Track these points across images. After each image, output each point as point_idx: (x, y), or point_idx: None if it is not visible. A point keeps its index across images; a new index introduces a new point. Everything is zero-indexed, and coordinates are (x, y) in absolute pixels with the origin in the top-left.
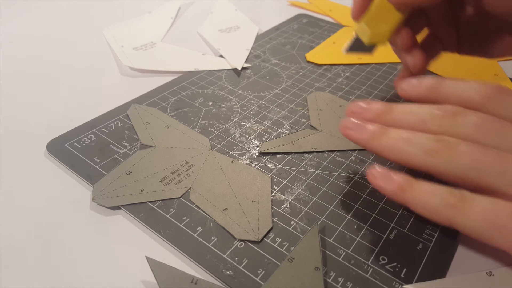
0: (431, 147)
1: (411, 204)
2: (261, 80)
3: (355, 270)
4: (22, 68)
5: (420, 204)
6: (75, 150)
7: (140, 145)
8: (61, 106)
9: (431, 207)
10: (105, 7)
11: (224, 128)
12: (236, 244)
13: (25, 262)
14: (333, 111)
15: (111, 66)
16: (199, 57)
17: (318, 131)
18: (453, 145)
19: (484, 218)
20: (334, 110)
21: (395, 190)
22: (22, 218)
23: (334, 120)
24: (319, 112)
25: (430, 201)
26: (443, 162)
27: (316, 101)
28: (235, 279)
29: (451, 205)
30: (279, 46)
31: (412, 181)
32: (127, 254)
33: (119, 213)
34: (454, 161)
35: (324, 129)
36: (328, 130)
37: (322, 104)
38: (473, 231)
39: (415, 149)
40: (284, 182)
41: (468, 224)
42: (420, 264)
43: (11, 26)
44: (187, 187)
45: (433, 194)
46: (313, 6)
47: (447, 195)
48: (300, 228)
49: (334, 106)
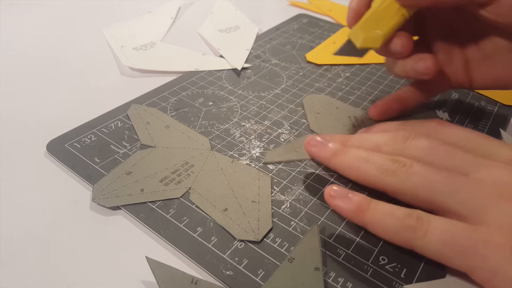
0: (386, 166)
1: (369, 225)
2: (261, 80)
3: (355, 270)
4: (22, 68)
5: (379, 226)
6: (75, 150)
7: (140, 145)
8: (61, 106)
9: (390, 229)
10: (105, 7)
11: (224, 128)
12: (236, 244)
13: (25, 262)
14: (330, 113)
15: (111, 66)
16: (199, 57)
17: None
18: (407, 165)
19: (441, 239)
20: (331, 112)
21: (353, 210)
22: (22, 218)
23: (332, 123)
24: (317, 116)
25: (388, 222)
26: (398, 181)
27: (312, 104)
28: (235, 279)
29: (408, 227)
30: (279, 46)
31: (370, 201)
32: (127, 254)
33: (119, 213)
34: (407, 180)
35: (324, 132)
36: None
37: (318, 107)
38: (432, 253)
39: (372, 167)
40: (284, 183)
41: (426, 246)
42: (420, 264)
43: (11, 26)
44: (187, 187)
45: (391, 215)
46: (313, 6)
47: (405, 216)
48: (300, 228)
49: (330, 108)
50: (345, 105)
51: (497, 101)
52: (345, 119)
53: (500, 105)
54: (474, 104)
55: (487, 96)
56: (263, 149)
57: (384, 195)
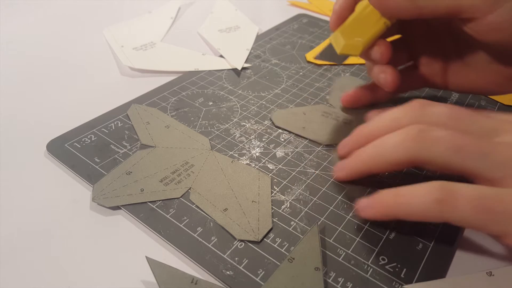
0: (402, 137)
1: (401, 215)
2: (261, 80)
3: (355, 270)
4: (22, 68)
5: (408, 211)
6: (75, 150)
7: (140, 145)
8: (61, 106)
9: (419, 210)
10: (105, 7)
11: (224, 128)
12: (236, 244)
13: (25, 262)
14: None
15: (111, 66)
16: (199, 57)
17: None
18: (426, 131)
19: (473, 206)
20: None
21: (382, 210)
22: (22, 218)
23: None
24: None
25: (416, 203)
26: (421, 149)
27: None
28: (235, 279)
29: (438, 200)
30: (279, 46)
31: (391, 192)
32: (127, 254)
33: (119, 213)
34: (433, 148)
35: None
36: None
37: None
38: (465, 222)
39: (389, 146)
40: (284, 183)
41: (459, 215)
42: (420, 264)
43: (11, 26)
44: (187, 187)
45: (418, 195)
46: (313, 6)
47: (429, 191)
48: (300, 228)
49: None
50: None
51: (497, 101)
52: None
53: (500, 105)
54: (474, 104)
55: (487, 96)
56: (263, 149)
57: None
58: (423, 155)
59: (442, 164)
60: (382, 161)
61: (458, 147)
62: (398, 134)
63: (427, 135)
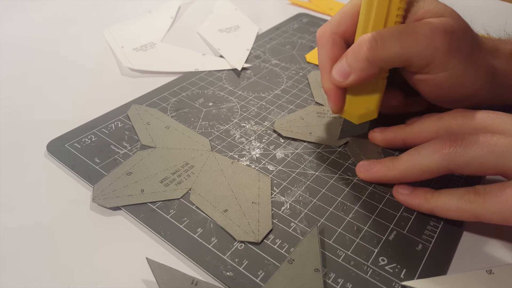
0: (438, 145)
1: (436, 209)
2: (261, 81)
3: (355, 271)
4: (22, 69)
5: (444, 207)
6: (75, 151)
7: (140, 146)
8: (61, 107)
9: (453, 207)
10: (105, 7)
11: (224, 129)
12: (236, 245)
13: (25, 262)
14: None
15: (112, 67)
16: (199, 57)
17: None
18: (459, 136)
19: (504, 202)
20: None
21: (421, 201)
22: (22, 219)
23: None
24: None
25: (450, 201)
26: (459, 154)
27: (316, 80)
28: (235, 280)
29: (468, 199)
30: (279, 46)
31: (433, 191)
32: (127, 254)
33: (119, 214)
34: (469, 150)
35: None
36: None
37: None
38: (497, 217)
39: (425, 152)
40: (284, 184)
41: (489, 212)
42: (419, 264)
43: (11, 27)
44: (187, 188)
45: (451, 195)
46: (313, 5)
47: (464, 192)
48: (300, 229)
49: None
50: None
51: None
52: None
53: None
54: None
55: None
56: (263, 150)
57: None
58: (459, 160)
59: (477, 166)
60: (418, 169)
61: (494, 147)
62: (433, 143)
63: (461, 140)
